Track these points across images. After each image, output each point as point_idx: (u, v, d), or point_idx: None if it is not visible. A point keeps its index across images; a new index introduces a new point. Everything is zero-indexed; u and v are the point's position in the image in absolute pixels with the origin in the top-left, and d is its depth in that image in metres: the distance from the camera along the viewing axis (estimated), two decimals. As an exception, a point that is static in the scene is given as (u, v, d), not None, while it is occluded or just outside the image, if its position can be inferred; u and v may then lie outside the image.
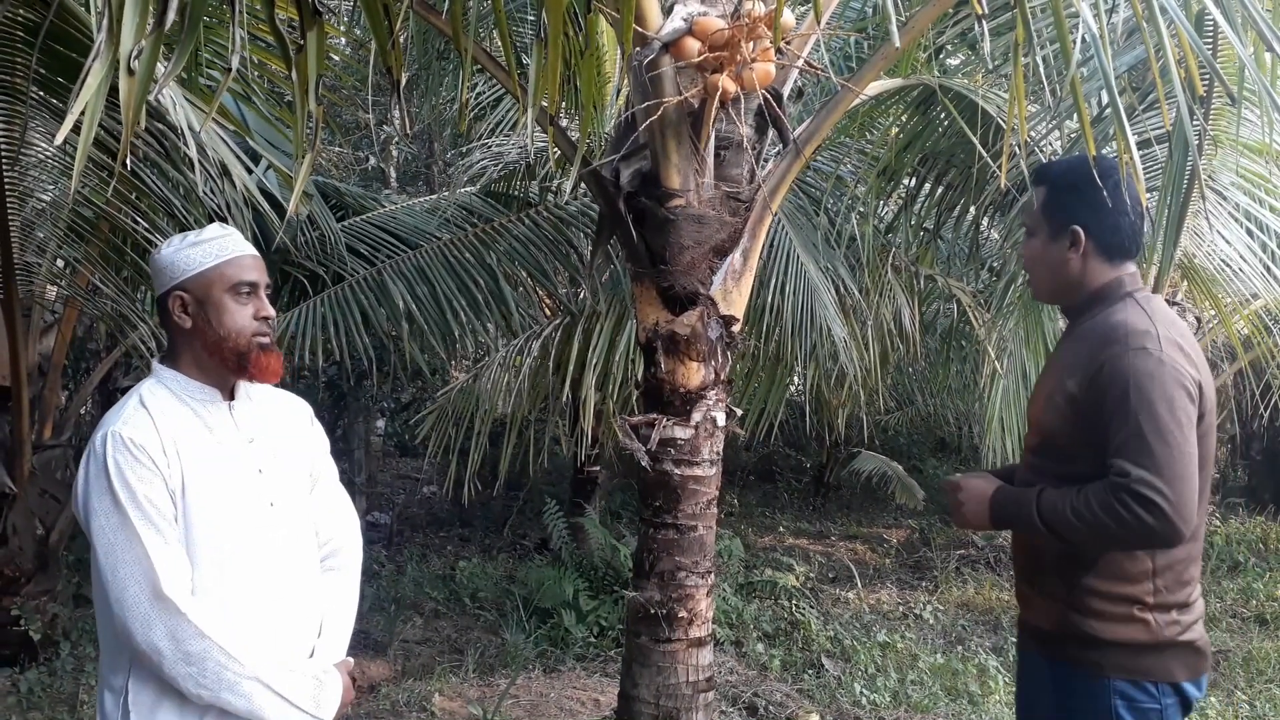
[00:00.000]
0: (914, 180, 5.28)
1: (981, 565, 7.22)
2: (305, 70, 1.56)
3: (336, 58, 6.39)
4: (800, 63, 2.85)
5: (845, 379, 5.44)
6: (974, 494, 2.02)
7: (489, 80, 6.14)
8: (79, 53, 3.23)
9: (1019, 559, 2.16)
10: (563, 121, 4.35)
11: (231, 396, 1.81)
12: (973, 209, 5.20)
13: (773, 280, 4.96)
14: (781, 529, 8.46)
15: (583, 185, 5.28)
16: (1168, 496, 1.78)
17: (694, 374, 2.83)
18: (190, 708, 1.67)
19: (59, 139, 1.38)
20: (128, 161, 3.51)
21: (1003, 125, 4.23)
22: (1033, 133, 4.61)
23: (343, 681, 1.83)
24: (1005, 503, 1.99)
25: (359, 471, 8.02)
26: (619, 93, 4.94)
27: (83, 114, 1.33)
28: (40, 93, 3.63)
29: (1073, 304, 2.09)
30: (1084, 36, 2.14)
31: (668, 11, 2.65)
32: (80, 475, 1.68)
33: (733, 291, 2.86)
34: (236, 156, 3.56)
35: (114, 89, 1.34)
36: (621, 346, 5.19)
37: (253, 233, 3.69)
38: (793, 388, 6.56)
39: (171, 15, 1.33)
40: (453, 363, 7.70)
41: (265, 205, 3.68)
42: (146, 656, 1.63)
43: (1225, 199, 5.12)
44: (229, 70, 1.45)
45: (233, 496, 1.73)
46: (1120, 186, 2.01)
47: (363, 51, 6.31)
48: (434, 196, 7.05)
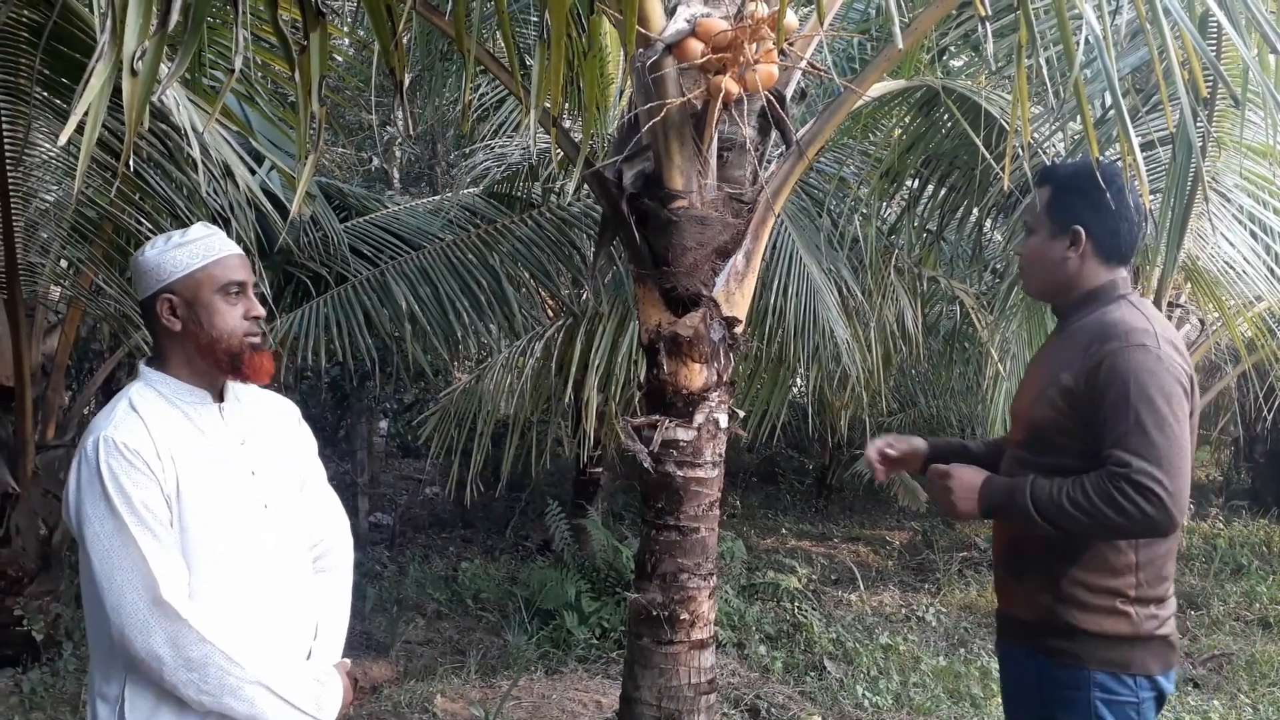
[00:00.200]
0: (917, 182, 5.28)
1: (984, 567, 7.19)
2: (308, 71, 1.56)
3: (340, 58, 6.39)
4: (803, 64, 2.85)
5: (848, 381, 5.43)
6: (964, 483, 2.04)
7: (492, 81, 6.14)
8: (83, 53, 3.24)
9: (1001, 551, 2.20)
10: (566, 123, 4.35)
11: (221, 398, 1.79)
12: (976, 211, 5.20)
13: (775, 282, 4.96)
14: (784, 531, 8.45)
15: (585, 186, 5.28)
16: (1166, 487, 1.83)
17: (696, 375, 2.83)
18: (189, 714, 1.65)
19: (62, 139, 1.37)
20: (131, 162, 3.50)
21: (1006, 127, 4.23)
22: (1036, 134, 4.60)
23: (343, 683, 1.82)
24: (996, 492, 2.01)
25: (362, 472, 8.02)
26: (622, 94, 4.94)
27: (86, 115, 1.33)
28: (44, 93, 3.64)
29: (1065, 302, 2.14)
30: (1087, 38, 2.14)
31: (671, 13, 2.65)
32: (71, 481, 1.65)
33: (735, 293, 2.86)
34: (240, 157, 3.55)
35: (117, 90, 1.34)
36: (624, 348, 5.19)
37: (256, 233, 3.69)
38: (795, 389, 6.55)
39: (175, 16, 1.33)
40: (455, 364, 7.71)
41: (268, 206, 3.68)
42: (145, 664, 1.60)
43: (1229, 201, 5.12)
44: (232, 71, 1.46)
45: (227, 499, 1.71)
46: (1124, 192, 2.07)
47: (366, 52, 6.31)
48: (437, 197, 7.05)
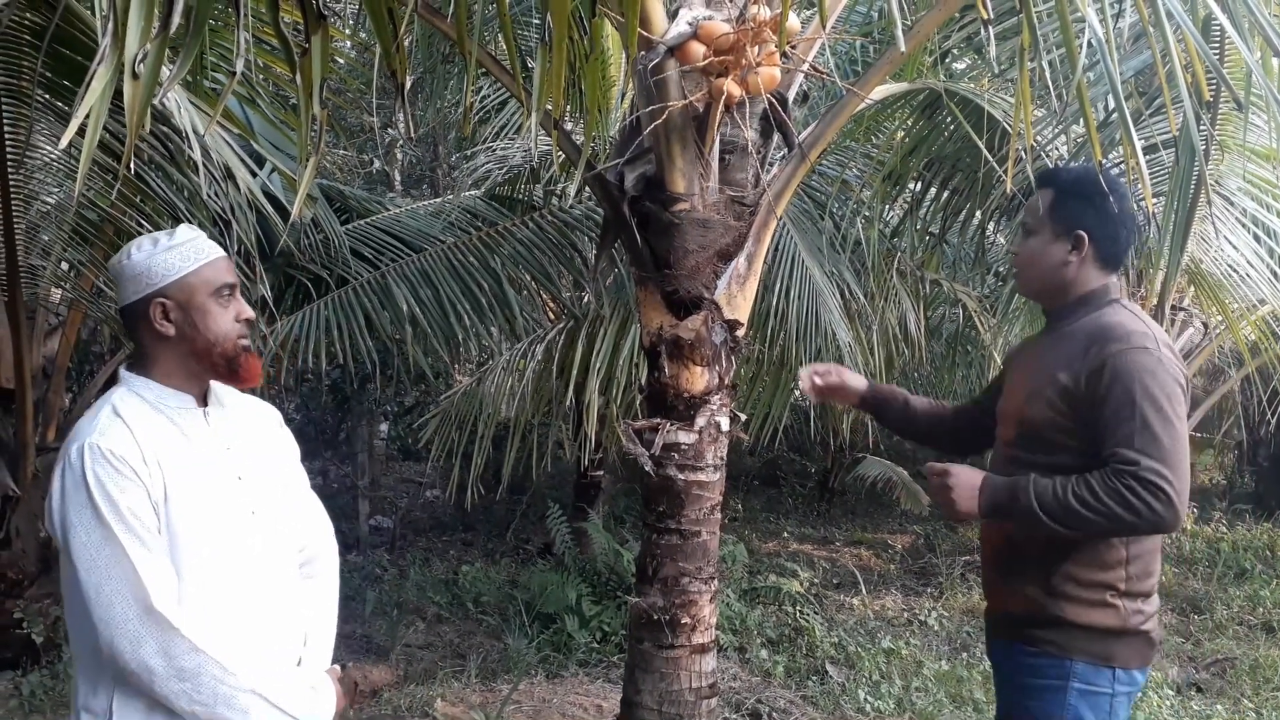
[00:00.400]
0: (919, 184, 5.27)
1: (986, 571, 7.18)
2: (310, 74, 1.56)
3: (341, 61, 6.40)
4: (805, 67, 2.84)
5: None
6: (964, 482, 2.04)
7: (494, 84, 6.14)
8: (84, 56, 3.23)
9: (990, 548, 2.22)
10: (567, 125, 4.35)
11: (204, 403, 1.76)
12: (978, 213, 5.19)
13: (777, 284, 4.96)
14: (786, 534, 8.43)
15: (587, 189, 5.28)
16: (1173, 484, 1.88)
17: (698, 378, 2.82)
18: None
19: (64, 142, 1.37)
20: (132, 165, 3.50)
21: (1009, 129, 4.23)
22: (1039, 137, 4.60)
23: (335, 689, 1.80)
24: (998, 491, 2.02)
25: (362, 475, 8.02)
26: (623, 97, 4.94)
27: (87, 118, 1.33)
28: (45, 96, 3.64)
29: (1059, 305, 2.17)
30: (1090, 41, 2.13)
31: (673, 16, 2.64)
32: (55, 490, 1.61)
33: (737, 296, 2.85)
34: (241, 160, 3.55)
35: (119, 92, 1.34)
36: (625, 351, 5.18)
37: (257, 236, 3.69)
38: (797, 392, 6.53)
39: (176, 19, 1.33)
40: (456, 366, 7.70)
41: (269, 208, 3.68)
42: (136, 676, 1.57)
43: (1232, 204, 5.11)
44: (234, 73, 1.45)
45: (215, 505, 1.68)
46: (1126, 199, 2.13)
47: (367, 55, 6.33)
48: (438, 200, 7.05)
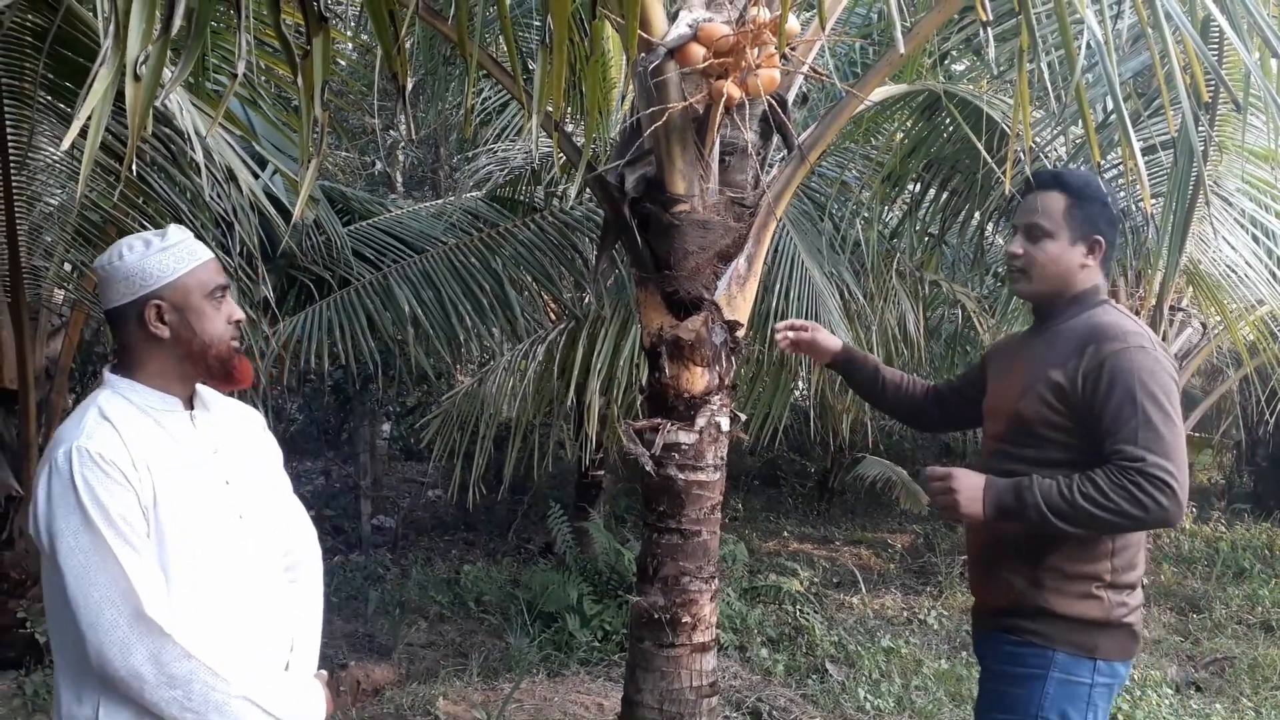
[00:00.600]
0: (919, 186, 5.28)
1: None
2: (311, 76, 1.57)
3: (343, 63, 6.41)
4: (805, 68, 2.85)
5: (850, 384, 5.42)
6: (968, 485, 2.05)
7: (494, 86, 6.16)
8: (86, 58, 3.24)
9: (976, 543, 2.24)
10: (568, 127, 4.36)
11: (190, 406, 1.73)
12: (977, 214, 5.20)
13: (777, 285, 4.96)
14: (786, 534, 8.44)
15: (588, 190, 5.29)
16: (1177, 479, 1.92)
17: (698, 379, 2.83)
18: None
19: (66, 143, 1.38)
20: (134, 166, 3.51)
21: (1007, 131, 4.24)
22: (1037, 138, 4.61)
23: (324, 693, 1.79)
24: (1003, 493, 2.02)
25: (364, 475, 8.03)
26: (624, 98, 4.95)
27: (89, 119, 1.34)
28: (48, 98, 3.65)
29: (1054, 305, 2.19)
30: (1089, 42, 2.14)
31: (673, 18, 2.65)
32: (40, 494, 1.58)
33: (737, 297, 2.86)
34: (243, 161, 3.56)
35: (120, 94, 1.35)
36: (626, 351, 5.19)
37: (259, 237, 3.70)
38: (797, 393, 6.55)
39: (178, 21, 1.34)
40: (458, 367, 7.71)
41: (271, 210, 3.69)
42: (125, 683, 1.53)
43: (1231, 205, 5.11)
44: (235, 75, 1.46)
45: (204, 510, 1.66)
46: (1116, 202, 2.23)
47: (369, 57, 6.34)
48: (440, 201, 7.06)
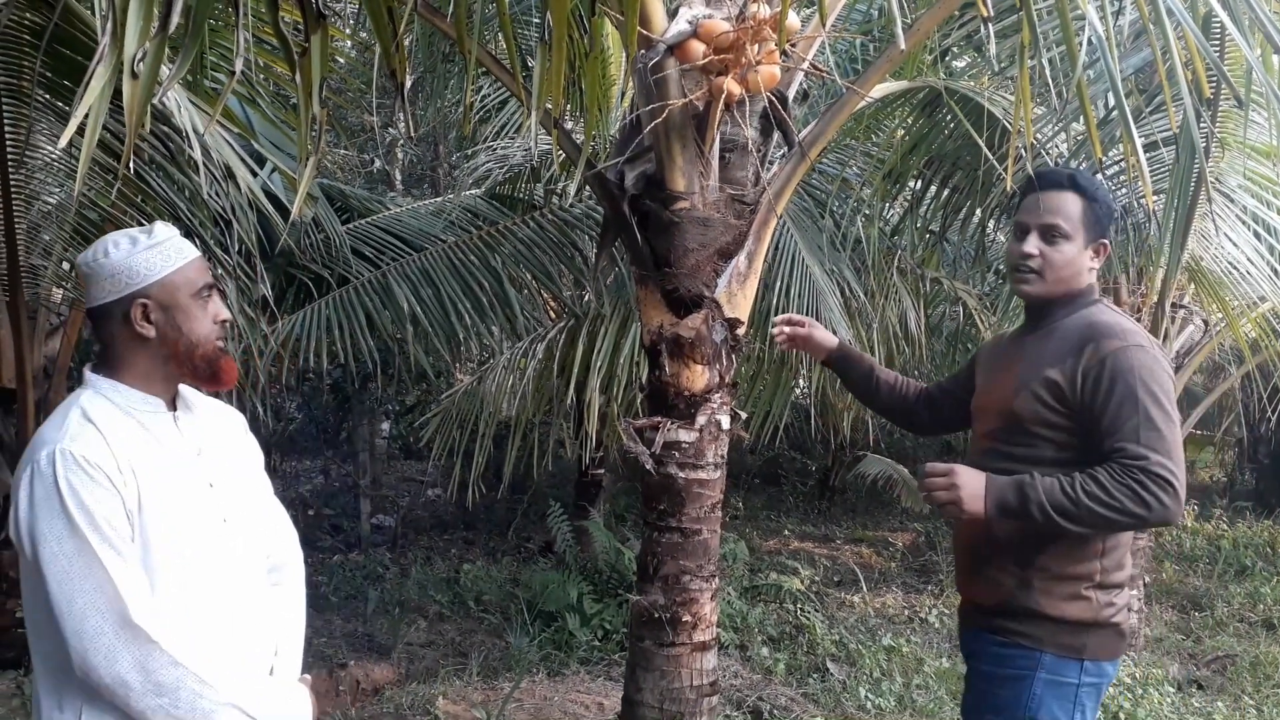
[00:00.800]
0: (919, 183, 5.27)
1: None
2: (309, 73, 1.56)
3: (341, 60, 6.40)
4: (805, 65, 2.84)
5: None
6: (970, 482, 2.02)
7: (494, 83, 6.14)
8: (84, 56, 3.23)
9: (965, 542, 2.23)
10: (567, 124, 4.35)
11: (173, 407, 1.70)
12: (979, 211, 5.19)
13: (778, 283, 4.95)
14: (786, 532, 8.44)
15: (587, 188, 5.28)
16: (1179, 477, 1.92)
17: (698, 377, 2.82)
18: None
19: (63, 142, 1.37)
20: (132, 164, 3.50)
21: (1009, 127, 4.22)
22: (1039, 135, 4.60)
23: (310, 698, 1.77)
24: (1004, 491, 2.00)
25: (364, 474, 8.03)
26: (624, 95, 4.94)
27: (87, 117, 1.33)
28: (46, 96, 3.64)
29: (1051, 304, 2.18)
30: (1090, 39, 2.13)
31: (672, 14, 2.64)
32: (22, 498, 1.53)
33: (737, 294, 2.85)
34: (241, 159, 3.55)
35: (118, 92, 1.34)
36: (626, 349, 5.18)
37: (258, 235, 3.69)
38: (798, 391, 6.55)
39: (175, 18, 1.33)
40: (457, 365, 7.70)
41: (270, 208, 3.68)
42: (110, 691, 1.50)
43: (1232, 202, 5.10)
44: (234, 73, 1.45)
45: (189, 513, 1.63)
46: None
47: (367, 54, 6.33)
48: (439, 199, 7.05)
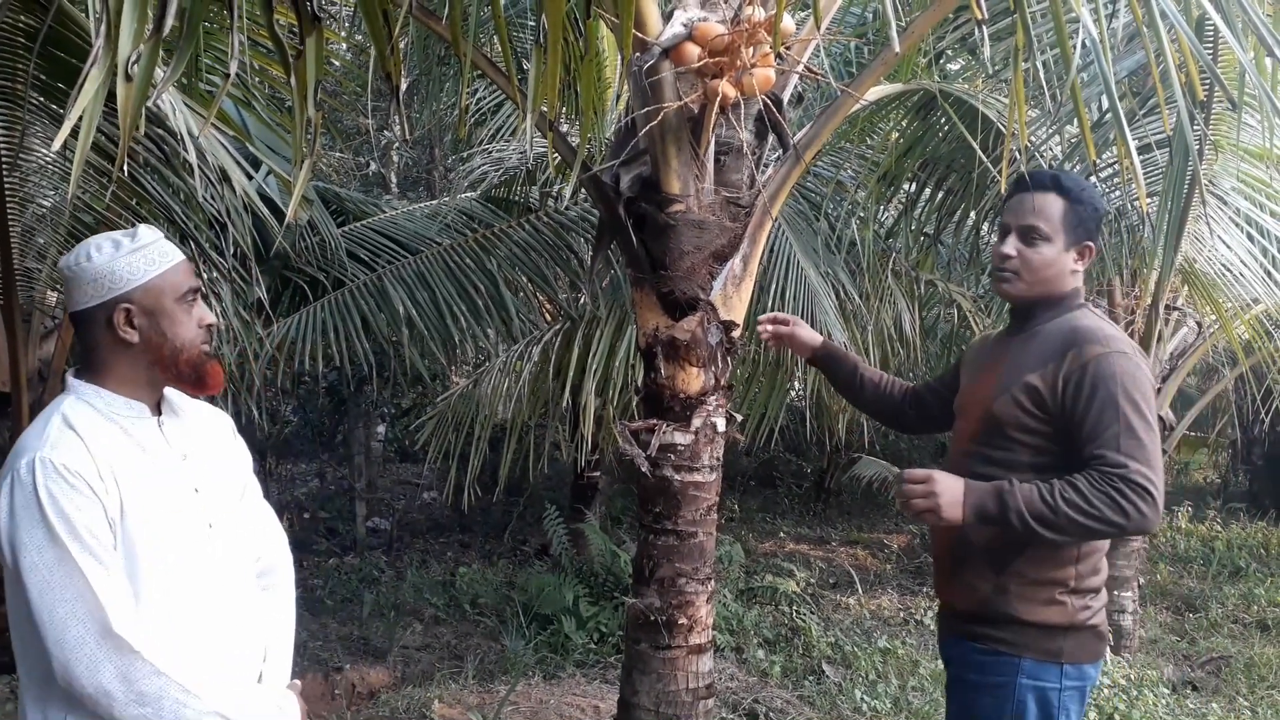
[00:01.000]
0: (914, 185, 5.28)
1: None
2: (304, 76, 1.56)
3: (336, 63, 6.39)
4: (800, 68, 2.85)
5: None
6: (948, 488, 2.00)
7: (489, 86, 6.14)
8: (78, 58, 3.23)
9: (942, 546, 2.23)
10: (563, 127, 4.35)
11: (158, 412, 1.69)
12: (973, 214, 5.20)
13: (773, 285, 4.96)
14: (782, 534, 8.44)
15: (583, 191, 5.28)
16: (1158, 486, 1.92)
17: (694, 379, 2.82)
18: None
19: (57, 144, 1.37)
20: (126, 167, 3.50)
21: (1003, 130, 4.24)
22: (1033, 138, 4.61)
23: (299, 705, 1.76)
24: (983, 497, 1.99)
25: (359, 477, 8.01)
26: (619, 98, 4.94)
27: (81, 119, 1.33)
28: (39, 98, 3.63)
29: (1035, 306, 2.17)
30: (1084, 41, 2.14)
31: (668, 17, 2.65)
32: (3, 507, 1.52)
33: (733, 297, 2.85)
34: (236, 162, 3.55)
35: (112, 94, 1.34)
36: (621, 352, 5.19)
37: (253, 238, 3.69)
38: (793, 393, 6.54)
39: (170, 20, 1.33)
40: (453, 368, 7.70)
41: (265, 211, 3.68)
42: (93, 701, 1.49)
43: (1226, 204, 5.12)
44: (228, 75, 1.45)
45: (173, 519, 1.61)
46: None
47: (363, 57, 6.32)
48: (434, 202, 7.05)
